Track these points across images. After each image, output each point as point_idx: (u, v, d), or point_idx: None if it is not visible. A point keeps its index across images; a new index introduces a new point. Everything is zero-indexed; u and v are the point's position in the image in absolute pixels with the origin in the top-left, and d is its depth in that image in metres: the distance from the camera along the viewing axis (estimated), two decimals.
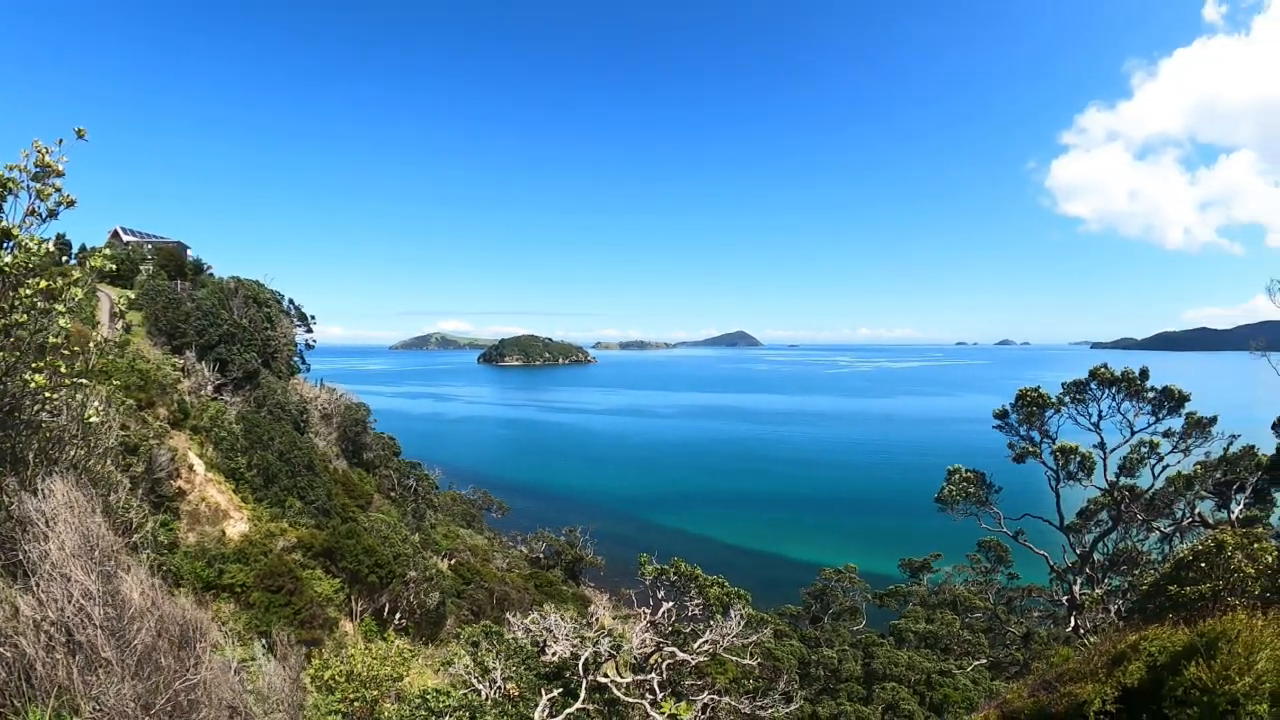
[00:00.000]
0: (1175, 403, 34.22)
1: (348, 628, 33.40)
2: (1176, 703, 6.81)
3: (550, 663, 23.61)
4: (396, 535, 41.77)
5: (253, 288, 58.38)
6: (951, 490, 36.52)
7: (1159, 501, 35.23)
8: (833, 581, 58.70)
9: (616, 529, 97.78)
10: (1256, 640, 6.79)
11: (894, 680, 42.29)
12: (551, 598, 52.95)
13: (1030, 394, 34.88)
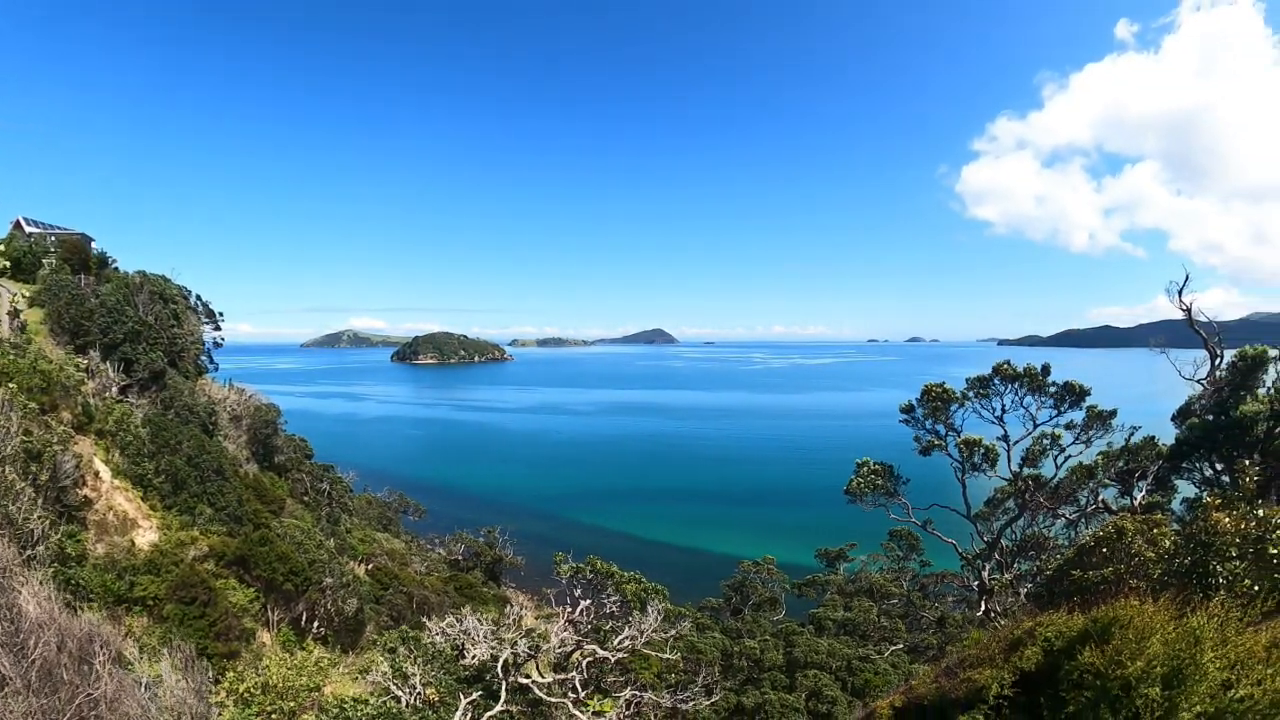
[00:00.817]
0: (1076, 397, 35.47)
1: (265, 638, 32.62)
2: (1073, 686, 7.06)
3: (470, 666, 23.45)
4: (311, 541, 40.80)
5: (159, 283, 56.21)
6: (860, 483, 37.27)
7: (1063, 490, 36.50)
8: (752, 573, 59.25)
9: (535, 528, 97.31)
10: (1147, 626, 7.07)
11: (816, 668, 42.94)
12: (472, 600, 52.40)
13: (935, 389, 35.81)
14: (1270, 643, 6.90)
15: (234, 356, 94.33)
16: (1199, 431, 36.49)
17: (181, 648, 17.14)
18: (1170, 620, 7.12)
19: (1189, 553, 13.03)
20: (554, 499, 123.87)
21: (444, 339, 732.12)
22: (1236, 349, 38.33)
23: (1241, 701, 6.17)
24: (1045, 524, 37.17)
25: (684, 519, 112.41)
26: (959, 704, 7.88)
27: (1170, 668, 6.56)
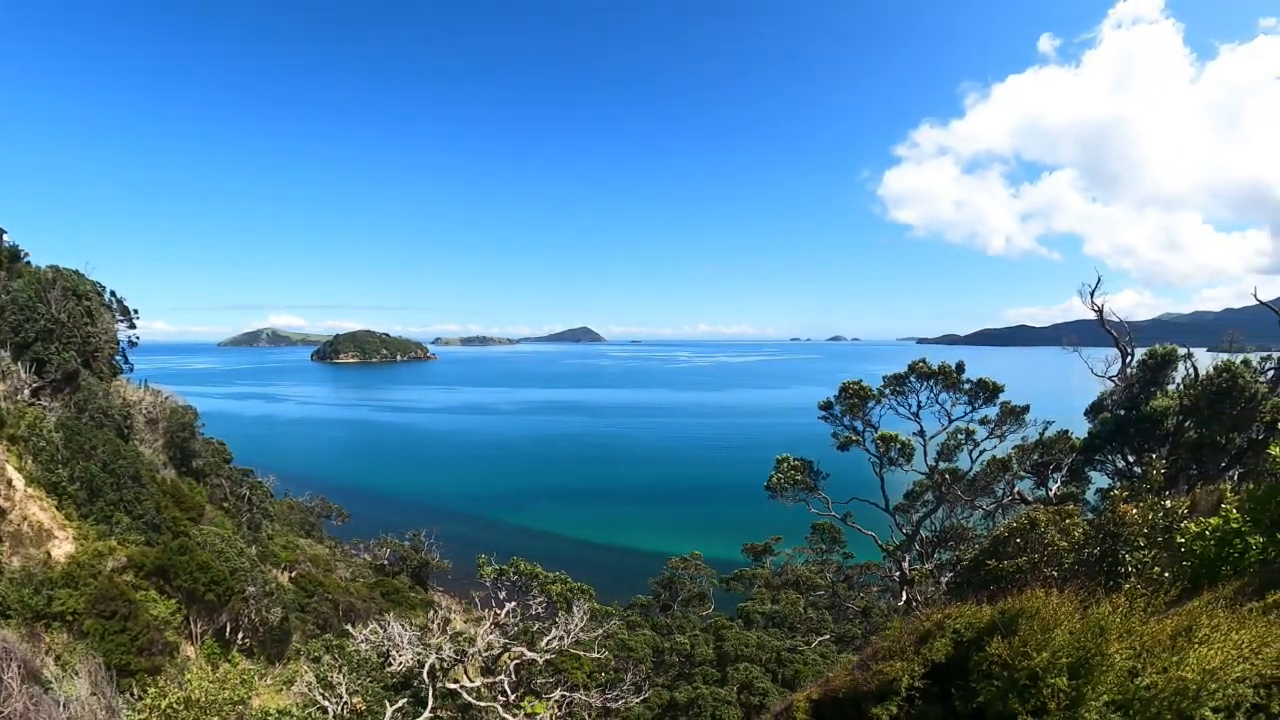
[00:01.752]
0: (990, 393, 36.34)
1: (189, 651, 31.74)
2: (982, 676, 7.20)
3: (396, 673, 23.24)
4: (232, 549, 39.64)
5: (72, 278, 53.91)
6: (780, 478, 37.66)
7: (980, 482, 37.67)
8: (680, 569, 59.40)
9: (462, 530, 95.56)
10: (1052, 617, 7.37)
11: (746, 660, 43.36)
12: (399, 605, 51.77)
13: (853, 387, 36.36)
14: (1175, 631, 7.20)
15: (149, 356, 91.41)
16: (1111, 426, 38.01)
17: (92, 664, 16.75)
18: (1075, 611, 7.38)
19: (1098, 543, 13.60)
20: (480, 500, 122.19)
21: (365, 337, 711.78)
22: (1147, 348, 40.04)
23: (1148, 689, 6.45)
24: (963, 515, 38.13)
25: (612, 518, 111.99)
26: (872, 696, 8.05)
27: (1076, 658, 6.66)
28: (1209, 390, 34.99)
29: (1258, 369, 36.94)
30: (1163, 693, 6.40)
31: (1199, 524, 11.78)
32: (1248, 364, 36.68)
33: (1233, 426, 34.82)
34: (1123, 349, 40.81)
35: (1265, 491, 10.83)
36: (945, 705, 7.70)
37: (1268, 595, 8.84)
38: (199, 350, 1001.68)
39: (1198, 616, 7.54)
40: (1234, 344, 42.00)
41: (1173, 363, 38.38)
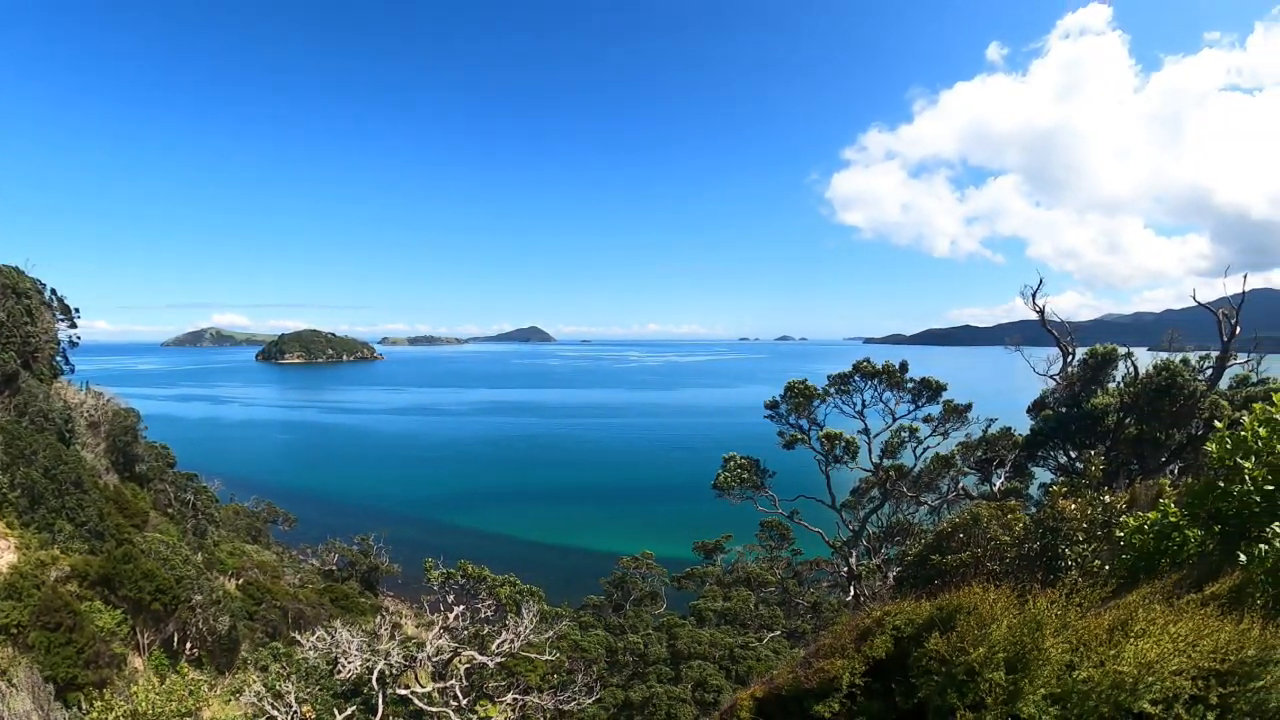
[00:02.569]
0: (933, 392, 36.86)
1: (137, 663, 30.94)
2: (922, 672, 7.25)
3: (346, 680, 22.87)
4: (177, 556, 38.69)
5: (11, 275, 52.41)
6: (727, 477, 37.85)
7: (924, 479, 38.26)
8: (631, 569, 59.29)
9: (411, 534, 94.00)
10: (989, 612, 7.41)
11: (699, 658, 43.47)
12: (349, 611, 50.99)
13: (798, 386, 36.66)
14: (1113, 624, 7.28)
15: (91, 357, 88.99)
16: (1053, 423, 38.75)
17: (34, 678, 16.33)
18: (1011, 606, 7.43)
19: (1038, 538, 13.83)
20: (430, 503, 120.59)
21: (311, 337, 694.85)
22: (1088, 347, 40.95)
23: (1085, 683, 6.50)
24: (909, 511, 38.67)
25: (563, 518, 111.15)
26: (814, 694, 8.03)
27: (1012, 653, 6.67)
28: (1149, 388, 35.81)
29: (1196, 368, 37.96)
30: (1099, 686, 6.44)
31: (1137, 518, 11.95)
32: (1187, 363, 37.67)
33: (1172, 423, 35.68)
34: (1064, 348, 41.65)
35: (1202, 486, 10.99)
36: (887, 701, 7.71)
37: (1205, 587, 8.96)
38: (142, 350, 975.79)
39: (1135, 610, 7.60)
40: (1174, 344, 43.00)
41: (1113, 362, 39.27)
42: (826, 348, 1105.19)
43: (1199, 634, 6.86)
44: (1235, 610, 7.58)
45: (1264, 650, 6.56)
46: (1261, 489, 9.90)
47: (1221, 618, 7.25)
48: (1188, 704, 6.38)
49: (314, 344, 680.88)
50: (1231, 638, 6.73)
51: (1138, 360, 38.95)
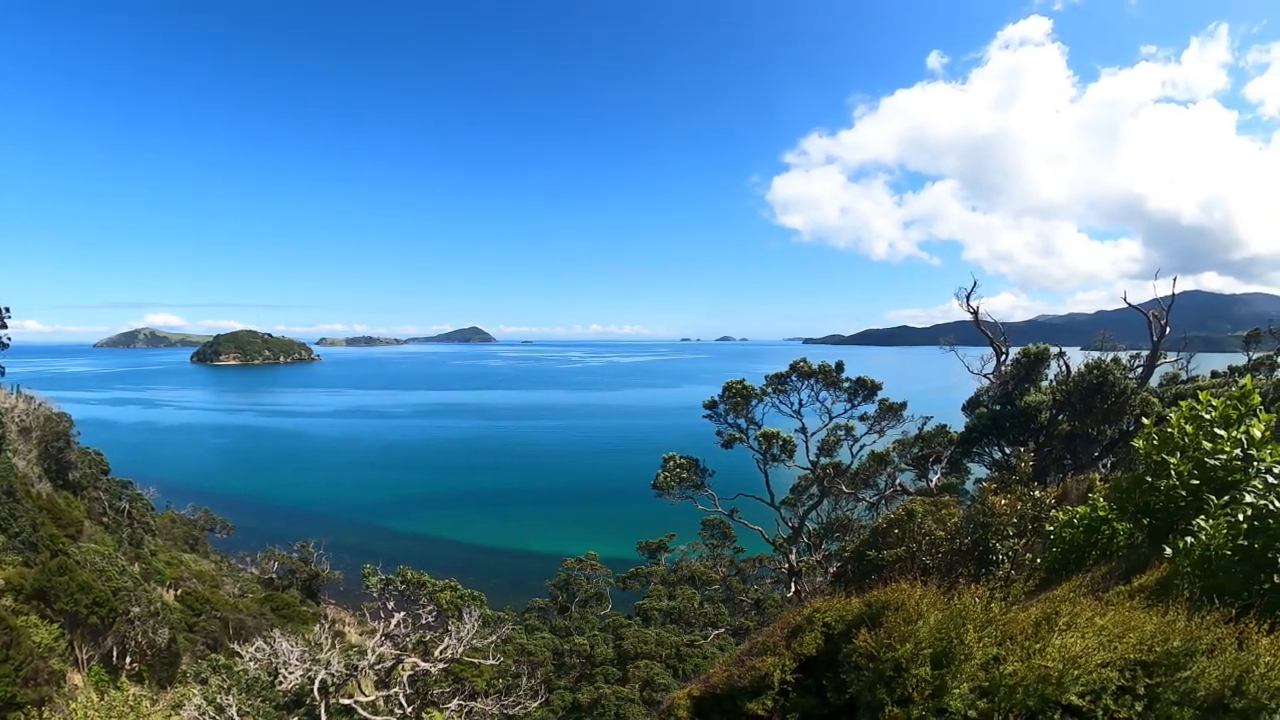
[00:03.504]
0: (868, 391, 37.22)
1: (77, 679, 29.95)
2: (852, 669, 7.32)
3: (288, 691, 22.36)
4: (114, 567, 37.47)
5: None
6: (666, 476, 37.88)
7: (861, 475, 38.71)
8: (575, 570, 58.94)
9: (352, 539, 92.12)
10: (916, 609, 7.43)
11: (646, 657, 43.45)
12: (291, 620, 50.12)
13: (736, 386, 36.84)
14: (1040, 618, 7.36)
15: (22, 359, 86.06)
16: (987, 420, 39.36)
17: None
18: (937, 602, 7.45)
19: (970, 533, 14.01)
20: (370, 507, 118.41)
21: (247, 338, 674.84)
22: (1021, 347, 41.79)
23: (1011, 677, 6.53)
24: (848, 507, 39.07)
25: (506, 521, 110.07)
26: (747, 691, 8.02)
27: (938, 648, 6.73)
28: (1081, 386, 36.57)
29: (1127, 366, 38.97)
30: (1025, 680, 6.46)
31: (1067, 513, 12.12)
32: (1118, 362, 38.61)
33: (1104, 419, 36.44)
34: (997, 348, 42.40)
35: (1130, 482, 11.16)
36: (819, 697, 7.68)
37: (1134, 580, 9.07)
38: (75, 352, 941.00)
39: (1061, 604, 7.64)
40: (1105, 344, 44.00)
41: (1045, 361, 40.07)
42: (767, 348, 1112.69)
43: (1125, 626, 6.90)
44: (1162, 602, 7.65)
45: (1189, 641, 6.60)
46: (1187, 484, 10.05)
47: (1148, 610, 7.31)
48: (1116, 695, 6.41)
49: (250, 345, 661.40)
50: (1157, 629, 6.78)
51: (1070, 359, 39.77)
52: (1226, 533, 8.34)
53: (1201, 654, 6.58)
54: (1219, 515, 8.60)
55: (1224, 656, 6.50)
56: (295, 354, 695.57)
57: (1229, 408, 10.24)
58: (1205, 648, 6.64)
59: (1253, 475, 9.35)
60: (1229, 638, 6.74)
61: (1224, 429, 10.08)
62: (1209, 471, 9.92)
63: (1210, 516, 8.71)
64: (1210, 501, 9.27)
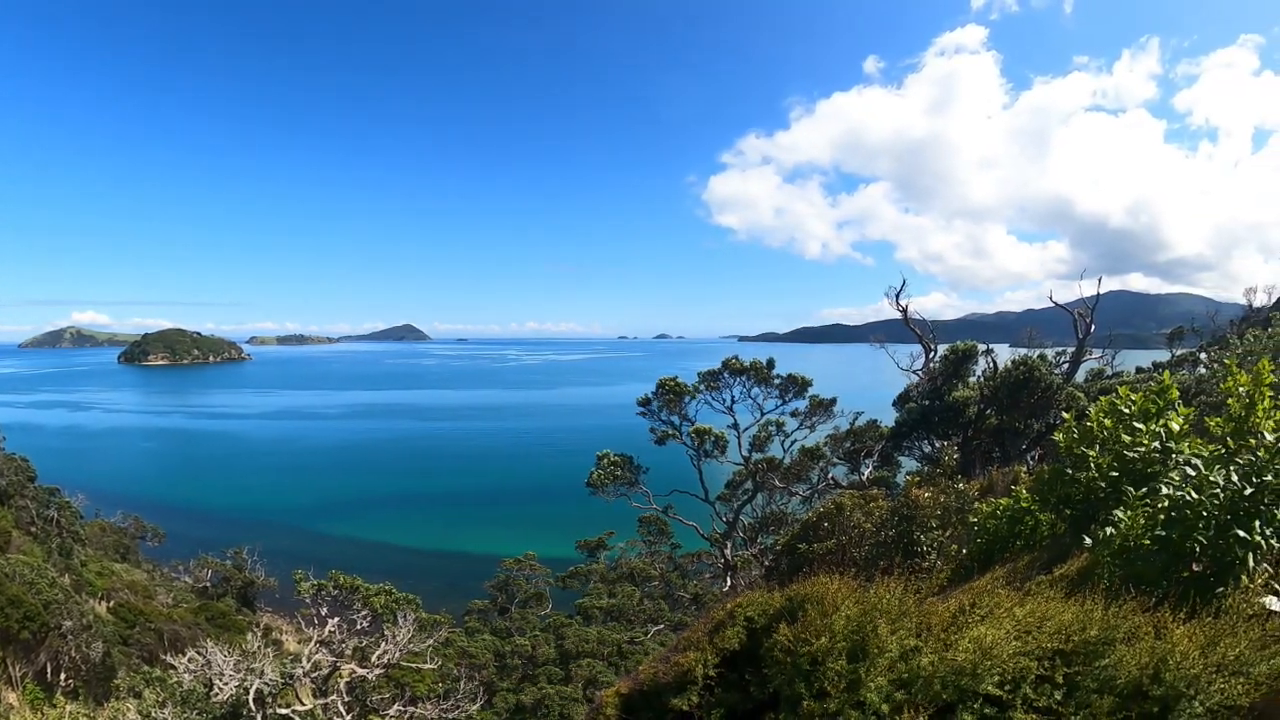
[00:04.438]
0: (799, 387, 37.60)
1: (11, 698, 28.86)
2: (773, 663, 7.29)
3: (224, 703, 21.82)
4: (44, 579, 36.21)
5: None
6: (600, 474, 37.82)
7: (794, 470, 39.15)
8: (514, 571, 58.54)
9: (287, 545, 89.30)
10: (832, 602, 7.45)
11: (588, 656, 43.40)
12: (227, 630, 49.02)
13: (669, 383, 36.99)
14: (957, 609, 7.40)
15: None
16: (916, 414, 40.02)
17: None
18: (853, 594, 7.47)
19: (894, 525, 14.22)
20: (304, 512, 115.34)
21: (176, 337, 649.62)
22: (949, 344, 42.63)
23: (925, 669, 6.54)
24: (783, 501, 39.44)
25: (443, 522, 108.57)
26: (671, 688, 7.98)
27: (853, 642, 6.75)
28: (1007, 381, 37.34)
29: (1053, 363, 39.87)
30: (939, 672, 6.45)
31: (989, 504, 12.28)
32: (1044, 358, 39.50)
33: (1030, 414, 37.24)
34: (926, 345, 43.14)
35: (1051, 473, 11.32)
36: (743, 692, 7.63)
37: (1054, 569, 9.18)
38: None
39: (979, 594, 7.69)
40: (1032, 341, 45.18)
41: (973, 357, 40.89)
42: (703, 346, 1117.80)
43: (1043, 616, 6.94)
44: (1081, 591, 7.72)
45: (1106, 630, 6.64)
46: (1106, 476, 10.17)
47: (1066, 599, 7.36)
48: (1035, 684, 6.43)
49: (179, 344, 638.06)
50: (1075, 619, 6.81)
51: (998, 356, 40.59)
52: (1144, 523, 8.44)
53: (1120, 643, 6.61)
54: (1137, 506, 8.70)
55: (1142, 645, 6.53)
56: (225, 353, 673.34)
57: (1148, 402, 10.40)
58: (1123, 636, 6.68)
59: (1171, 467, 9.49)
60: (1146, 626, 6.79)
61: (1143, 423, 10.23)
62: (1128, 464, 10.05)
63: (1129, 508, 8.81)
64: (1128, 493, 9.39)
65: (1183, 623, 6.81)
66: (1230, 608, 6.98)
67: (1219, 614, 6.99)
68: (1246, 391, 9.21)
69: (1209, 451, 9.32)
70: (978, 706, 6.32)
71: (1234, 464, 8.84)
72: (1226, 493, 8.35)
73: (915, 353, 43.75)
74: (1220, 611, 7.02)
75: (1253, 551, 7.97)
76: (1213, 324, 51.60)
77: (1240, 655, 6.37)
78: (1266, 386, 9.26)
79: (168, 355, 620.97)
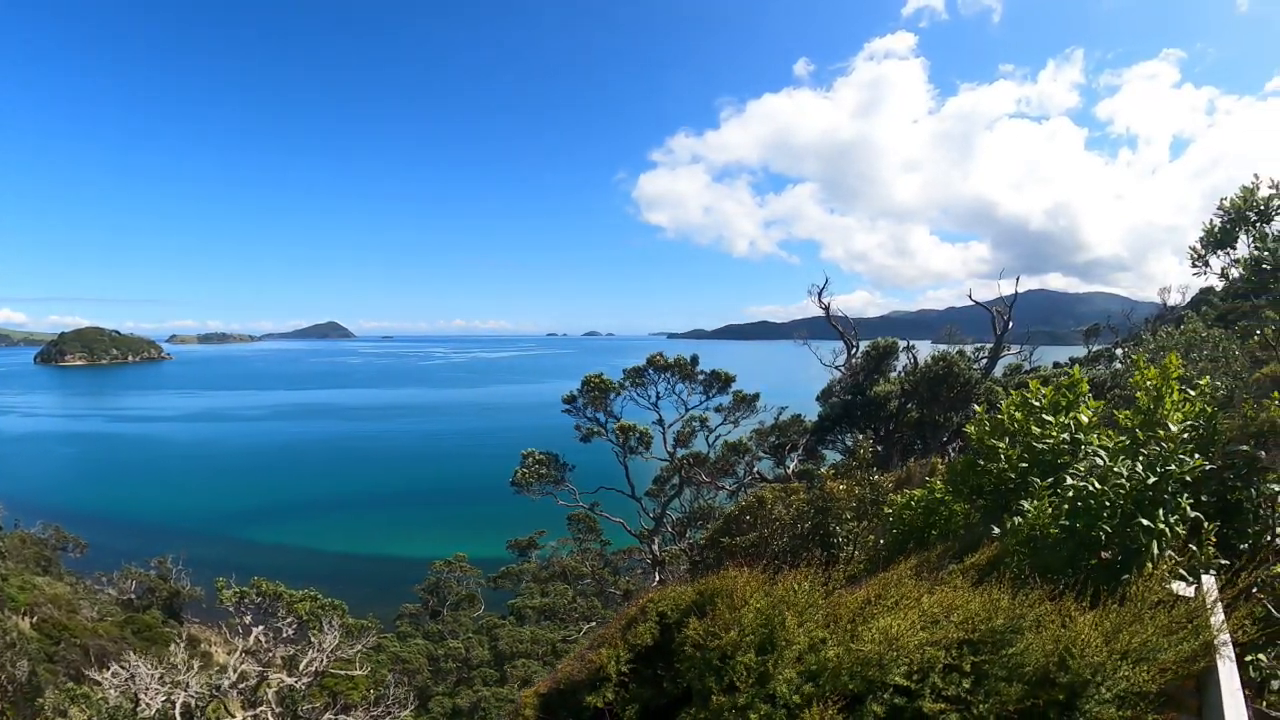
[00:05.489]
0: (723, 383, 37.83)
1: None
2: (684, 658, 7.26)
3: (150, 718, 21.15)
4: None
5: None
6: (525, 473, 37.67)
7: (720, 465, 39.44)
8: (445, 573, 57.99)
9: (212, 553, 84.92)
10: (741, 595, 7.44)
11: (523, 656, 43.17)
12: (155, 643, 47.65)
13: (594, 380, 36.98)
14: (866, 600, 7.42)
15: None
16: (839, 409, 40.65)
17: None
18: (762, 588, 7.44)
19: (810, 518, 14.38)
20: (230, 518, 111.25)
21: (94, 336, 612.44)
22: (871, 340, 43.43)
23: (833, 661, 6.51)
24: (710, 496, 39.67)
25: (371, 525, 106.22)
26: (586, 686, 7.90)
27: (761, 635, 6.73)
28: (927, 376, 38.16)
29: (972, 358, 40.84)
30: (845, 663, 6.43)
31: (904, 495, 12.41)
32: (963, 354, 40.46)
33: (950, 407, 38.03)
34: (848, 341, 43.85)
35: (963, 464, 11.47)
36: (657, 688, 7.58)
37: (966, 558, 9.24)
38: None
39: (887, 585, 7.70)
40: (952, 337, 46.23)
41: (893, 353, 41.73)
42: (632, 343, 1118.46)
43: (951, 605, 6.96)
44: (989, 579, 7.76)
45: (1012, 619, 6.67)
46: (1016, 467, 10.31)
47: (974, 589, 7.39)
48: (943, 673, 6.43)
49: (97, 344, 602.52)
50: (981, 607, 6.85)
51: (919, 352, 41.44)
52: (1051, 513, 8.53)
53: (1027, 631, 6.63)
54: (1042, 496, 8.81)
55: (1048, 633, 6.57)
56: (145, 352, 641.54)
57: (1058, 396, 10.57)
58: (1030, 625, 6.71)
59: (1080, 459, 9.63)
60: (1053, 615, 6.83)
61: (1052, 415, 10.38)
62: (1038, 455, 10.19)
63: (1035, 498, 8.92)
64: (1035, 483, 9.51)
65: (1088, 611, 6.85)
66: (1135, 595, 7.03)
67: (1124, 601, 7.04)
68: (1154, 385, 9.41)
69: (1114, 443, 9.48)
70: (887, 696, 6.31)
71: (1140, 455, 9.01)
72: (1131, 482, 8.48)
73: (838, 349, 44.38)
74: (1125, 599, 7.07)
75: (1157, 539, 8.12)
76: (1128, 322, 53.18)
77: (1146, 642, 6.44)
78: (1175, 380, 9.48)
79: (85, 355, 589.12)
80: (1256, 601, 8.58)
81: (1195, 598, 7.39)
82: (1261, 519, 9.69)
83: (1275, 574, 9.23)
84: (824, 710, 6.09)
